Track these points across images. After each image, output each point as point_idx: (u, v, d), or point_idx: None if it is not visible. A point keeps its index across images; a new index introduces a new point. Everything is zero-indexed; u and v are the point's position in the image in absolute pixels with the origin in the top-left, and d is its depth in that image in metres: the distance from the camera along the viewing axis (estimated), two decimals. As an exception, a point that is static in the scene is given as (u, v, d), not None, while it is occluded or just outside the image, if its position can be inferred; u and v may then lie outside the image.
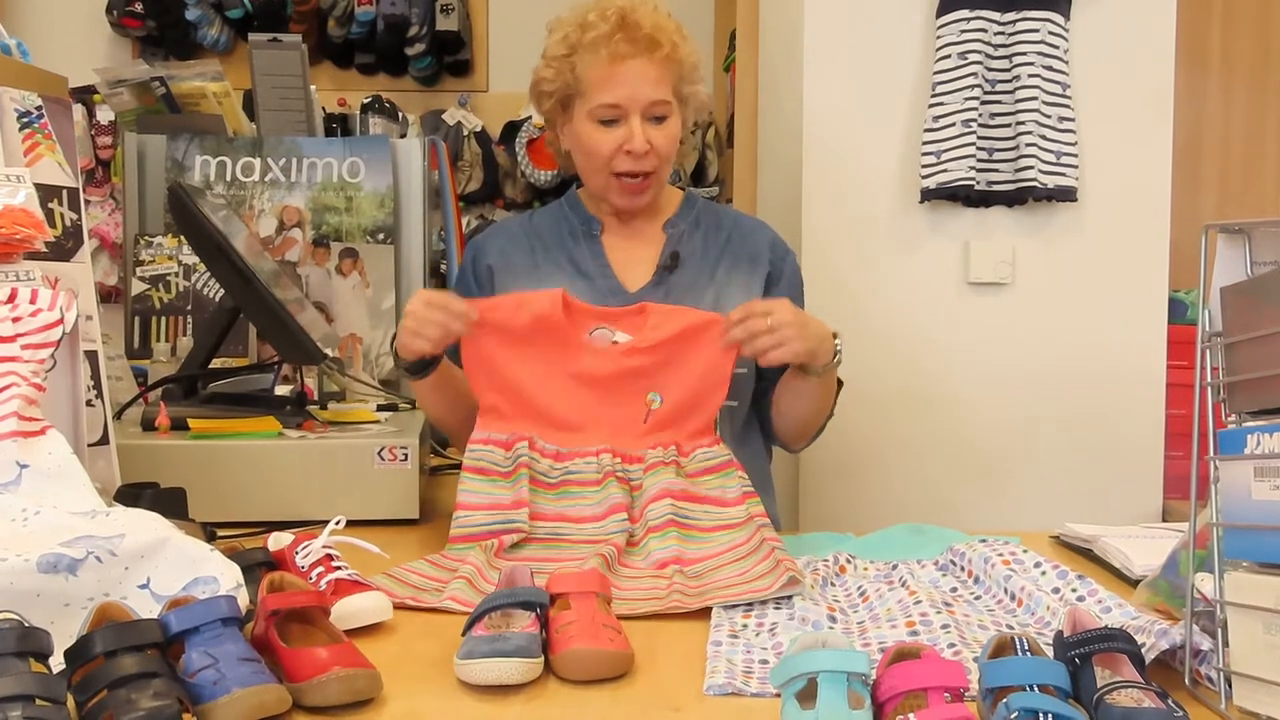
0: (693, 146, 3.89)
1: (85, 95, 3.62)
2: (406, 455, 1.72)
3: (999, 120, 2.31)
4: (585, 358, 1.56)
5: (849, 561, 1.47)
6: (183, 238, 2.16)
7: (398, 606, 1.28)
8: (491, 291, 1.76)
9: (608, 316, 1.60)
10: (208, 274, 2.17)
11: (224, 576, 1.17)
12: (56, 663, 1.00)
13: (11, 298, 1.31)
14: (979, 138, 2.30)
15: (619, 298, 1.71)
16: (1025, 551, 1.41)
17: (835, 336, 1.61)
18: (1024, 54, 2.28)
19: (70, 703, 0.97)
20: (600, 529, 1.47)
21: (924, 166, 2.32)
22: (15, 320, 1.30)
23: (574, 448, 1.54)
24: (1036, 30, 2.28)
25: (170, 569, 1.16)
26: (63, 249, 1.60)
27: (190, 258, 2.19)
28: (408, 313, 1.56)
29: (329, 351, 1.87)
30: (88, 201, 3.32)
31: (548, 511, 1.50)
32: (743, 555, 1.41)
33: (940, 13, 2.31)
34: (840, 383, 1.76)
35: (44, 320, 1.32)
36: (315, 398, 2.04)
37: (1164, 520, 2.27)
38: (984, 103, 2.30)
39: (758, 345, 1.51)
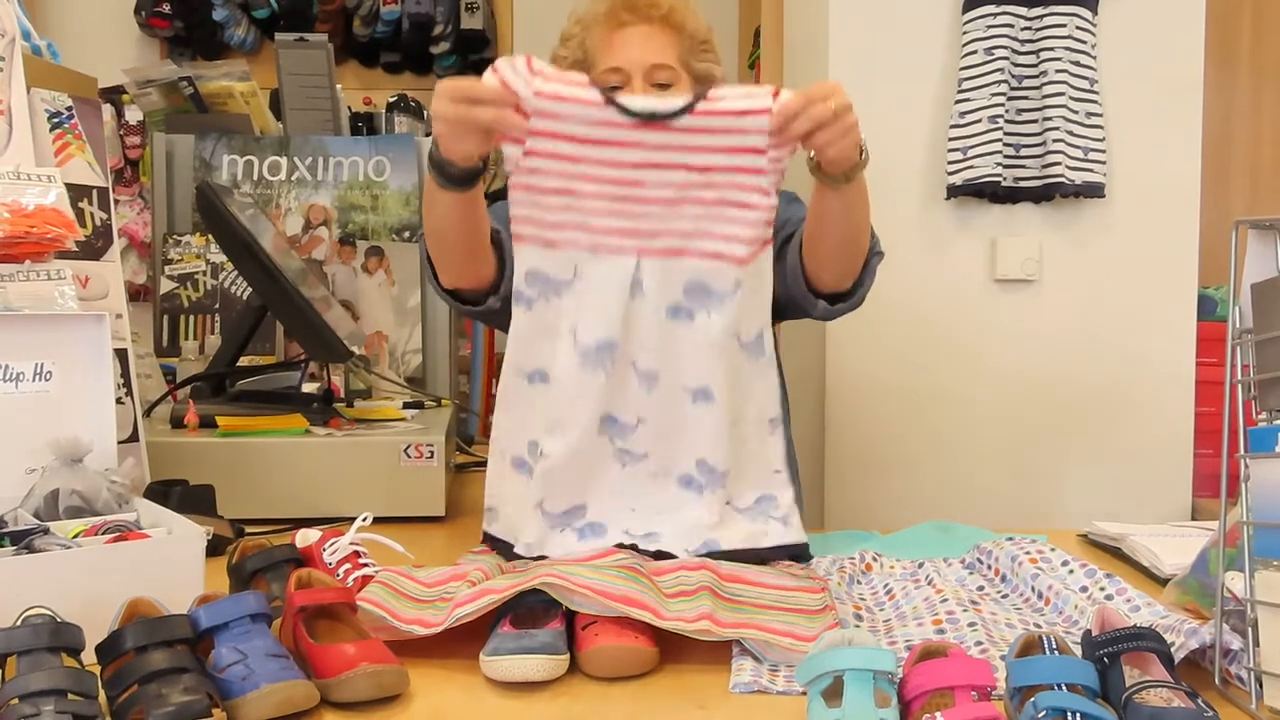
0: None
1: (114, 95, 3.65)
2: (433, 453, 1.73)
3: (1026, 116, 2.30)
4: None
5: (875, 559, 1.47)
6: (211, 236, 2.18)
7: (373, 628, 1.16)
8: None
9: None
10: (235, 272, 2.19)
11: None
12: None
13: None
14: (1006, 134, 2.28)
15: None
16: (1053, 550, 1.40)
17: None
18: (1051, 49, 2.26)
19: (102, 697, 0.98)
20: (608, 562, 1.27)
21: (950, 163, 2.31)
22: None
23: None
24: (1064, 25, 2.26)
25: None
26: (93, 248, 1.61)
27: (218, 256, 2.21)
28: (436, 115, 1.33)
29: (355, 349, 1.88)
30: (116, 201, 3.34)
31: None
32: (790, 607, 1.23)
33: (966, 8, 2.30)
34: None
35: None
36: (342, 395, 2.06)
37: (1193, 518, 2.25)
38: (1011, 98, 2.28)
39: (820, 138, 1.31)
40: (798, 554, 1.41)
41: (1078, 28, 2.27)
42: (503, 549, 1.42)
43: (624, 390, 1.37)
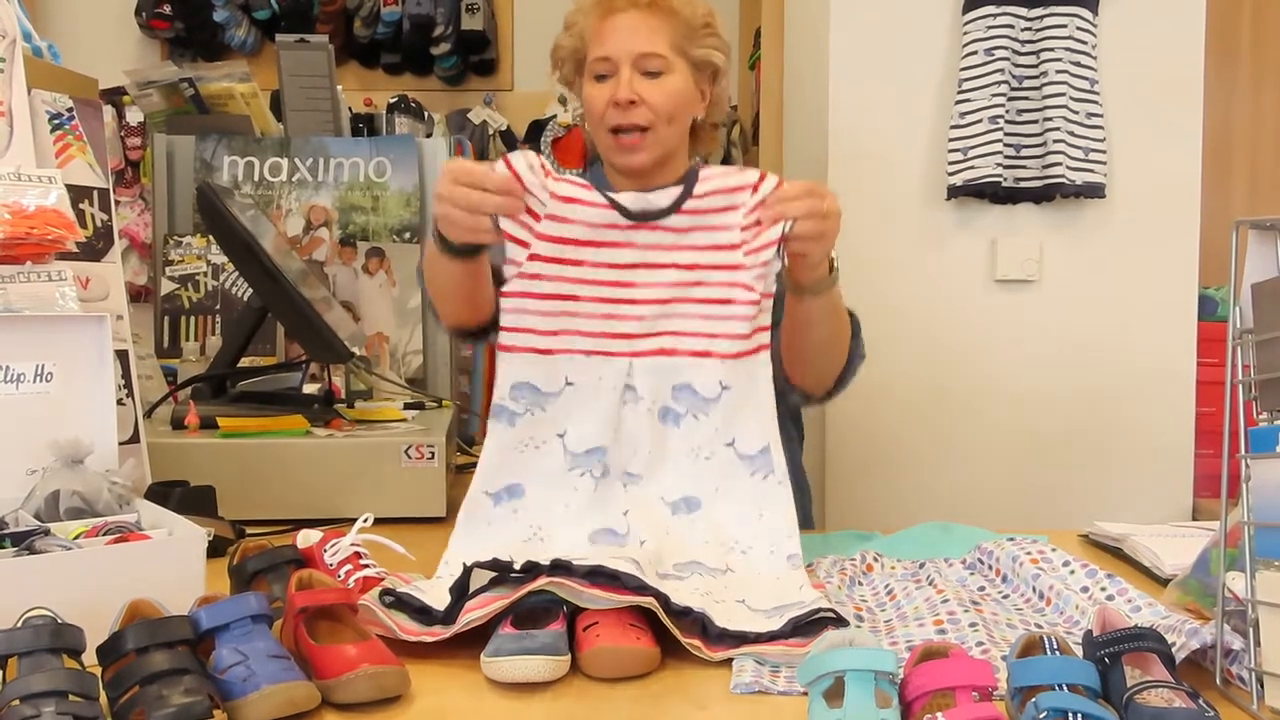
0: (720, 144, 3.88)
1: (115, 97, 3.65)
2: (434, 453, 1.73)
3: (1026, 116, 2.30)
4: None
5: (876, 560, 1.47)
6: (211, 238, 2.18)
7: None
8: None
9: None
10: (236, 273, 2.18)
11: None
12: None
13: None
14: (1006, 134, 2.28)
15: None
16: (1054, 550, 1.40)
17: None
18: (1051, 50, 2.26)
19: (103, 698, 0.98)
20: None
21: (950, 163, 2.31)
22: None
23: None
24: (1064, 25, 2.26)
25: None
26: (93, 249, 1.61)
27: (219, 257, 2.21)
28: (437, 196, 1.35)
29: (356, 350, 1.88)
30: (117, 202, 3.35)
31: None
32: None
33: (967, 8, 2.30)
34: (856, 320, 1.63)
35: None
36: (342, 396, 2.06)
37: (1194, 519, 2.25)
38: (1011, 99, 2.29)
39: (805, 227, 1.35)
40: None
41: (1078, 28, 2.27)
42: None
43: (611, 499, 1.34)
